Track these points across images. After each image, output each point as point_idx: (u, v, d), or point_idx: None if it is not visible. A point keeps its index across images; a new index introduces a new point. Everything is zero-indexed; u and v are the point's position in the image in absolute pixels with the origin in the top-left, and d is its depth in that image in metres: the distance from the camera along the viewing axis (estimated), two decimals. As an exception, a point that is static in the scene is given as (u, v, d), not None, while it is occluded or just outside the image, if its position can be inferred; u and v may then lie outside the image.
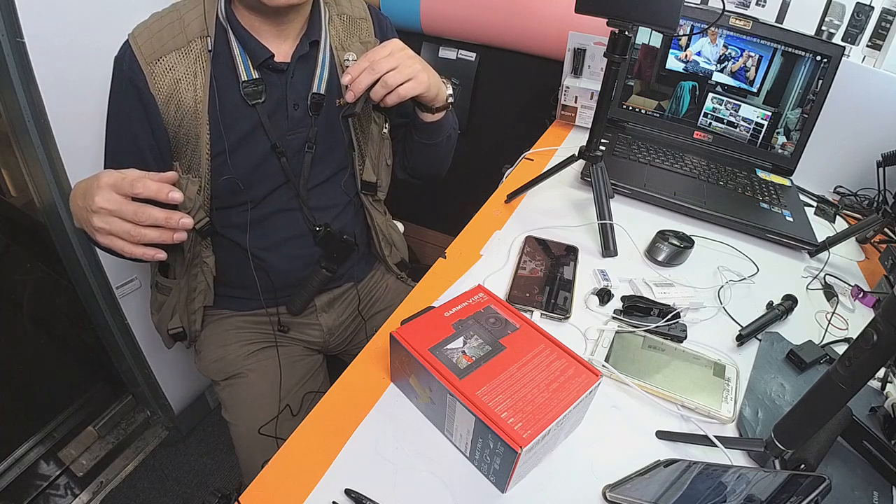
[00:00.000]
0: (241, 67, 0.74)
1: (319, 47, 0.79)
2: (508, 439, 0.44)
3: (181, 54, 0.71)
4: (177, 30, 0.72)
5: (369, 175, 0.89)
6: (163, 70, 0.71)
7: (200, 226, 0.79)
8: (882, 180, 0.89)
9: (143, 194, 0.57)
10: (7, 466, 1.28)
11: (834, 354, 0.66)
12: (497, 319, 0.56)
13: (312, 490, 0.48)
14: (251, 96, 0.75)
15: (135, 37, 0.71)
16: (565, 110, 1.20)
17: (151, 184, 0.57)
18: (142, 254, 0.59)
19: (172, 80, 0.71)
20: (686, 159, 1.05)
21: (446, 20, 1.38)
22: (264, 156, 0.79)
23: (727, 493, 0.42)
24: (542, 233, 0.83)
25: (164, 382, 1.35)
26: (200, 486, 1.36)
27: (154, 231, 0.59)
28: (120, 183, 0.57)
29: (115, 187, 0.57)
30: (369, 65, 0.69)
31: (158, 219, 0.58)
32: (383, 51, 0.70)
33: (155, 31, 0.71)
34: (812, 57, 0.99)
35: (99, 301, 1.17)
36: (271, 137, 0.78)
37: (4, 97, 0.90)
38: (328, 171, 0.87)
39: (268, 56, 0.74)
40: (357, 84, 0.69)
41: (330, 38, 0.81)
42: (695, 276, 0.78)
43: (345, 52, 0.82)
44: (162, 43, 0.71)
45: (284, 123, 0.79)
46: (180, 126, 0.73)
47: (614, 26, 0.72)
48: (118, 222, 0.57)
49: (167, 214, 0.58)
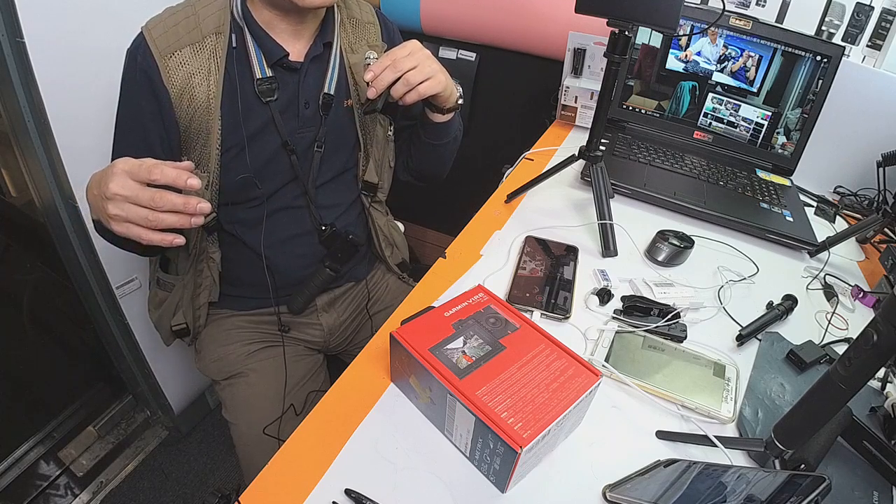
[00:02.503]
0: (256, 65, 0.75)
1: (332, 48, 0.80)
2: (508, 439, 0.44)
3: (195, 49, 0.72)
4: (192, 25, 0.72)
5: (371, 176, 0.90)
6: (177, 64, 0.71)
7: (207, 221, 0.79)
8: (882, 180, 0.89)
9: (160, 180, 0.56)
10: (7, 466, 1.28)
11: (834, 354, 0.66)
12: (497, 319, 0.56)
13: (312, 490, 0.48)
14: (265, 94, 0.75)
15: (149, 30, 0.71)
16: (565, 110, 1.20)
17: (169, 170, 0.56)
18: (160, 239, 0.58)
19: (186, 75, 0.72)
20: (686, 159, 1.05)
21: (446, 20, 1.38)
22: (274, 153, 0.80)
23: (727, 493, 0.42)
24: (542, 233, 0.83)
25: (164, 382, 1.35)
26: (200, 486, 1.36)
27: (172, 216, 0.57)
28: (136, 169, 0.56)
29: (131, 174, 0.56)
30: (391, 63, 0.70)
31: (176, 204, 0.56)
32: (403, 50, 0.71)
33: (170, 26, 0.71)
34: (812, 57, 0.99)
35: (99, 301, 1.17)
36: (282, 135, 0.79)
37: (4, 97, 0.90)
38: (334, 170, 0.87)
39: (283, 55, 0.75)
40: (380, 81, 0.70)
41: (340, 40, 0.82)
42: (695, 276, 0.78)
43: (353, 53, 0.84)
44: (178, 37, 0.71)
45: (295, 122, 0.80)
46: (191, 121, 0.74)
47: (614, 26, 0.72)
48: (134, 209, 0.56)
49: (185, 199, 0.56)
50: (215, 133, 0.74)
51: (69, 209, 1.04)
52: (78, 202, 1.01)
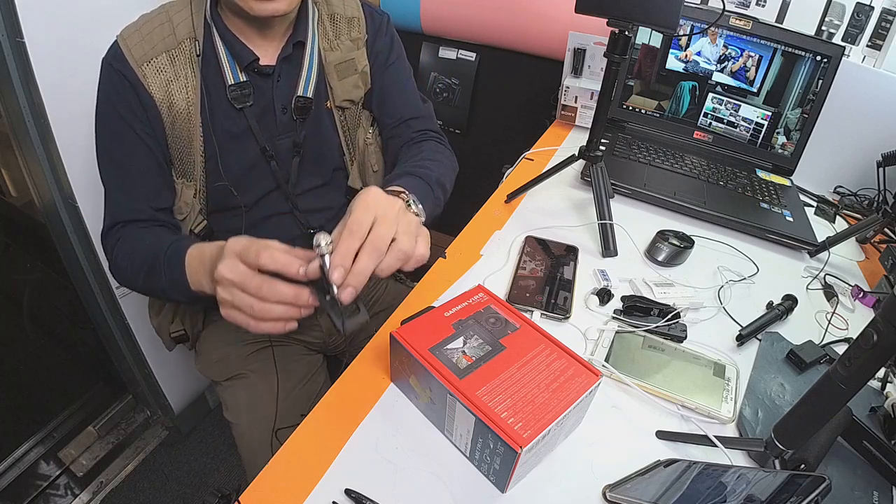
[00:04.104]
0: (228, 70, 0.73)
1: (305, 48, 0.77)
2: (508, 439, 0.44)
3: (171, 56, 0.70)
4: (167, 31, 0.70)
5: (355, 182, 0.88)
6: (154, 71, 0.69)
7: (199, 230, 0.78)
8: (882, 180, 0.89)
9: (268, 266, 0.50)
10: (7, 466, 1.28)
11: (834, 354, 0.66)
12: (497, 319, 0.56)
13: (312, 490, 0.48)
14: (238, 100, 0.73)
15: (124, 39, 0.69)
16: (565, 110, 1.20)
17: (280, 255, 0.50)
18: (269, 329, 0.52)
19: (164, 82, 0.70)
20: (686, 159, 1.05)
21: (446, 20, 1.38)
22: (255, 160, 0.78)
23: (727, 493, 0.42)
24: (542, 233, 0.83)
25: (164, 382, 1.35)
26: (200, 486, 1.36)
27: (280, 307, 0.51)
28: (245, 252, 0.51)
29: (241, 255, 0.51)
30: (365, 245, 0.50)
31: (286, 295, 0.50)
32: (363, 222, 0.50)
33: (145, 34, 0.70)
34: (812, 57, 0.99)
35: (99, 301, 1.17)
36: (260, 141, 0.76)
37: (4, 97, 0.90)
38: (320, 175, 0.86)
39: (253, 59, 0.73)
40: (356, 276, 0.49)
41: (318, 38, 0.79)
42: (695, 276, 0.78)
43: (333, 52, 0.79)
44: (153, 44, 0.70)
45: (273, 128, 0.78)
46: (173, 128, 0.72)
47: (614, 26, 0.72)
48: (241, 295, 0.51)
49: (296, 291, 0.50)
50: (197, 140, 0.73)
51: (69, 209, 1.04)
52: (78, 202, 1.01)
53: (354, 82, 0.82)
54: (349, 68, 0.82)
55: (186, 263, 0.62)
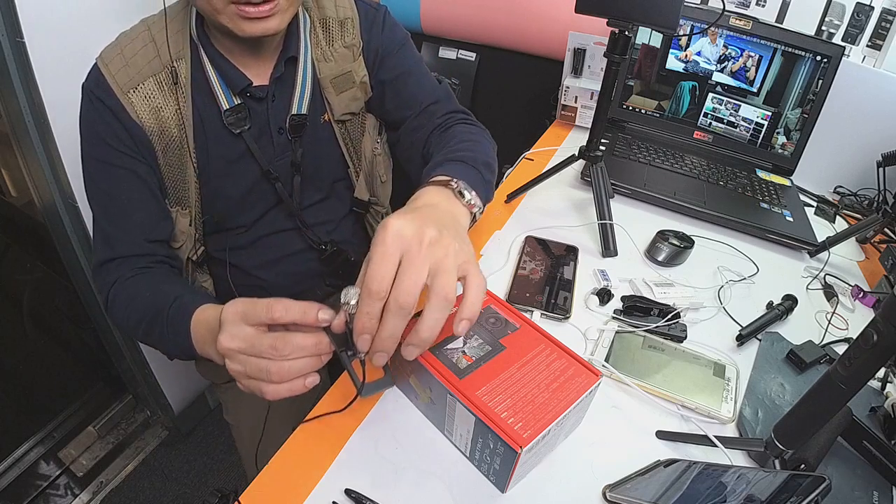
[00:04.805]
0: (222, 95, 0.69)
1: (298, 64, 0.73)
2: (508, 439, 0.44)
3: (159, 81, 0.66)
4: (151, 53, 0.66)
5: (362, 193, 0.86)
6: (141, 98, 0.65)
7: (196, 258, 0.76)
8: (882, 180, 0.89)
9: (283, 319, 0.44)
10: (7, 466, 1.28)
11: (834, 354, 0.66)
12: (497, 319, 0.56)
13: (312, 490, 0.48)
14: (234, 125, 0.70)
15: (106, 63, 0.64)
16: (565, 110, 1.20)
17: (293, 304, 0.45)
18: (287, 391, 0.46)
19: (153, 108, 0.66)
20: (686, 159, 1.05)
21: (446, 20, 1.38)
22: (254, 182, 0.76)
23: (727, 493, 0.42)
24: (542, 233, 0.83)
25: (164, 382, 1.35)
26: (200, 486, 1.36)
27: (299, 361, 0.46)
28: (251, 311, 0.46)
29: (245, 317, 0.46)
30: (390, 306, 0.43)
31: (307, 347, 0.45)
32: (383, 277, 0.42)
33: (129, 57, 0.65)
34: (812, 57, 0.99)
35: (99, 301, 1.17)
36: (262, 164, 0.74)
37: (4, 97, 0.90)
38: (323, 190, 0.84)
39: (247, 84, 0.69)
40: (384, 342, 0.44)
41: (311, 49, 0.74)
42: (695, 276, 0.78)
43: (327, 62, 0.75)
44: (138, 69, 0.65)
45: (271, 149, 0.75)
46: (165, 155, 0.69)
47: (614, 26, 0.72)
48: (253, 361, 0.45)
49: (316, 338, 0.46)
50: (191, 167, 0.70)
51: (69, 209, 1.04)
52: (78, 202, 1.01)
53: (353, 95, 0.79)
54: (346, 81, 0.78)
55: (192, 330, 0.57)
